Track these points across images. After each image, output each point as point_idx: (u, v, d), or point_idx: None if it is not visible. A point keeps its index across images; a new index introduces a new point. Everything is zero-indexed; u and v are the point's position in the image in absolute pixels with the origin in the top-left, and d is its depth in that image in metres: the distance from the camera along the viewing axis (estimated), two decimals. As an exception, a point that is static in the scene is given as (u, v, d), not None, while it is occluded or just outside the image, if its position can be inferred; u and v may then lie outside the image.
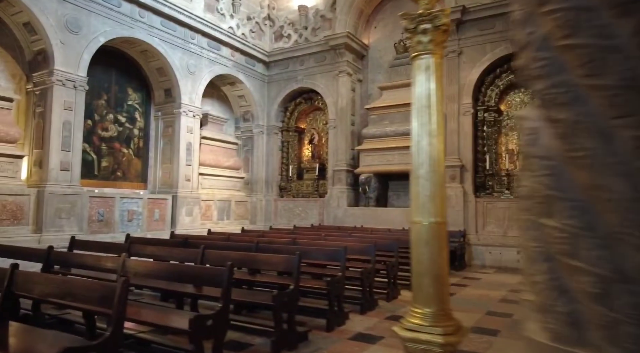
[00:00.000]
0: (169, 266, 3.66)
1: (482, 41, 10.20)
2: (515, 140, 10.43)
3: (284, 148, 13.61)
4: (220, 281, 3.25)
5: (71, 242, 5.92)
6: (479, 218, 9.90)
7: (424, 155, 2.03)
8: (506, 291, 6.88)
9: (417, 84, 2.08)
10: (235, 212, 12.42)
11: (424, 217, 1.99)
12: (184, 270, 3.43)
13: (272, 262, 4.26)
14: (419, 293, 1.98)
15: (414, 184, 2.06)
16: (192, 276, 3.40)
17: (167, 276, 3.58)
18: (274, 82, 13.44)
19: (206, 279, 3.32)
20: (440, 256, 1.98)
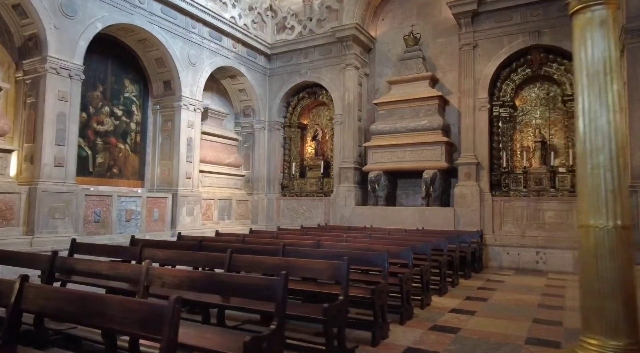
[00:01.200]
0: (205, 275, 3.12)
1: (498, 34, 9.82)
2: (531, 137, 10.09)
3: (286, 145, 13.05)
4: (274, 293, 2.73)
5: (72, 246, 5.31)
6: (495, 218, 9.52)
7: (602, 137, 1.54)
8: (539, 295, 6.49)
9: (589, 45, 1.60)
10: (237, 212, 11.83)
11: (603, 218, 1.50)
12: (226, 280, 2.89)
13: (315, 269, 3.74)
14: (599, 321, 1.50)
15: (585, 176, 1.57)
16: (236, 287, 2.86)
17: (204, 287, 3.03)
18: (276, 76, 12.87)
19: (254, 291, 2.79)
20: (630, 272, 1.50)
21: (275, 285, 2.74)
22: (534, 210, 9.19)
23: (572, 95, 9.26)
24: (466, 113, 10.05)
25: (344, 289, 3.55)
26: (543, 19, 9.34)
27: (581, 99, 1.55)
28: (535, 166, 9.78)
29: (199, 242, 5.49)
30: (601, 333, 1.48)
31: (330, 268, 3.68)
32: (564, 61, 9.43)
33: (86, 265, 3.82)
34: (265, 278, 2.86)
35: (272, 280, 2.79)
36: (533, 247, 9.02)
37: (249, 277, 2.92)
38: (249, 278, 2.89)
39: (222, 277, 2.99)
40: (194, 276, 3.12)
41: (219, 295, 3.26)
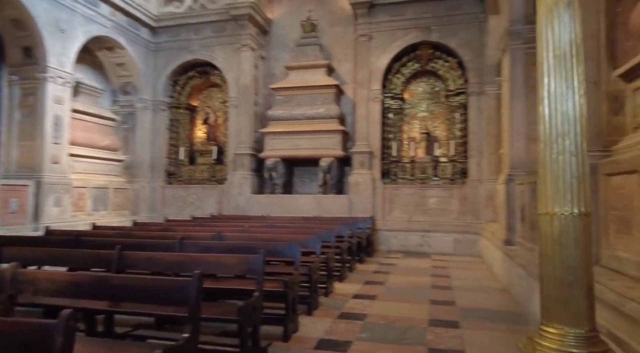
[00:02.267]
0: (96, 279, 2.53)
1: (392, 27, 10.19)
2: (417, 129, 10.74)
3: (173, 127, 12.03)
4: (186, 296, 2.32)
5: None
6: (385, 204, 9.97)
7: (569, 122, 1.48)
8: (429, 276, 6.91)
9: (555, 25, 1.51)
10: (114, 202, 10.57)
11: (569, 205, 1.45)
12: (125, 283, 2.37)
13: (226, 264, 3.34)
14: (563, 310, 1.45)
15: (550, 162, 1.50)
16: (139, 291, 2.37)
17: (96, 293, 2.47)
18: (163, 51, 11.74)
19: (163, 294, 2.34)
20: (590, 259, 1.47)
21: (188, 287, 2.33)
22: (420, 197, 9.82)
23: (454, 91, 10.10)
24: (361, 103, 10.29)
25: (260, 284, 3.24)
26: (433, 16, 9.92)
27: (546, 82, 1.48)
28: (420, 156, 10.45)
29: (76, 237, 4.65)
30: (564, 323, 1.45)
31: (243, 262, 3.33)
32: (449, 58, 10.16)
33: None
34: (175, 280, 2.43)
35: (184, 282, 2.37)
36: (418, 231, 9.65)
37: (155, 278, 2.45)
38: (156, 280, 2.42)
39: (119, 279, 2.46)
40: (81, 280, 2.52)
41: (114, 301, 2.70)
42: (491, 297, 5.55)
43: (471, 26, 9.73)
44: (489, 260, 7.80)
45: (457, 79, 10.11)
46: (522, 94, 6.39)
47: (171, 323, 3.99)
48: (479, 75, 9.57)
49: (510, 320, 4.47)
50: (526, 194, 5.49)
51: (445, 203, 9.68)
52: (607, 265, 3.14)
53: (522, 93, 6.39)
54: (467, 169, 9.72)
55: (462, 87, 10.01)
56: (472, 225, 9.36)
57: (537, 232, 4.80)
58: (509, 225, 6.26)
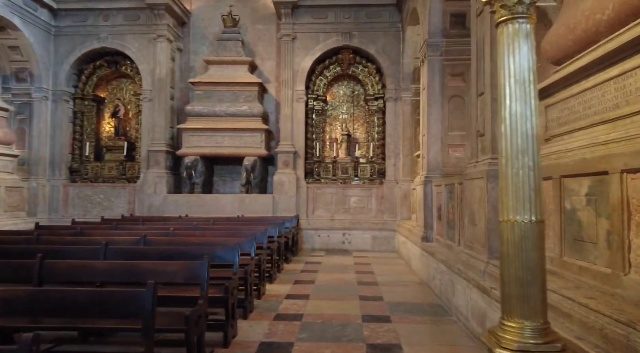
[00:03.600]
0: (32, 293, 2.25)
1: (315, 29, 10.35)
2: (339, 130, 11.06)
3: (77, 120, 10.98)
4: (140, 308, 2.18)
5: None
6: (309, 203, 10.13)
7: (528, 140, 1.67)
8: (354, 273, 7.18)
9: (517, 55, 1.69)
10: (6, 202, 9.35)
11: (527, 214, 1.65)
12: (70, 296, 2.14)
13: (169, 272, 3.16)
14: (522, 306, 1.64)
15: (510, 175, 1.69)
16: (85, 306, 2.16)
17: (33, 309, 2.20)
18: (65, 36, 10.64)
19: (114, 307, 2.17)
20: (544, 260, 1.68)
21: (142, 298, 2.19)
22: (342, 196, 10.14)
23: (373, 95, 10.56)
24: (285, 103, 10.32)
25: (205, 291, 3.14)
26: (353, 22, 10.27)
27: (508, 104, 1.65)
28: (342, 156, 10.78)
29: (-25, 245, 4.07)
30: (522, 317, 1.64)
31: (186, 269, 3.20)
32: (367, 64, 10.61)
33: None
34: (128, 291, 2.26)
35: (137, 292, 2.22)
36: (340, 229, 9.97)
37: (102, 290, 2.26)
38: (104, 292, 2.23)
39: (61, 293, 2.22)
40: (10, 295, 2.24)
41: (54, 316, 2.40)
42: (413, 290, 5.94)
43: (389, 34, 10.26)
44: (406, 255, 8.32)
45: (375, 84, 10.59)
46: (439, 101, 6.91)
47: (97, 335, 3.68)
48: (395, 81, 10.12)
49: (434, 312, 4.84)
50: (443, 195, 5.96)
51: (364, 202, 10.11)
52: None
53: (439, 101, 6.91)
54: (384, 170, 10.25)
55: (380, 92, 10.51)
56: (388, 223, 9.89)
57: (455, 230, 5.25)
58: (426, 223, 6.75)
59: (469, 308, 4.07)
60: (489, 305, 3.57)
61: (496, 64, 1.92)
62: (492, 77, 3.96)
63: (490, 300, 3.54)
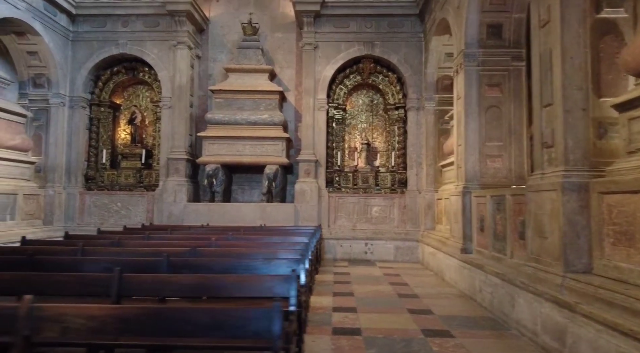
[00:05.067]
0: (147, 311, 2.12)
1: (337, 39, 10.33)
2: (358, 139, 11.01)
3: (94, 127, 10.80)
4: (269, 327, 2.08)
5: None
6: (331, 213, 10.02)
7: None
8: (388, 284, 7.08)
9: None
10: (24, 210, 9.11)
11: None
12: (193, 315, 2.02)
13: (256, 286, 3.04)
14: None
15: None
16: (207, 325, 2.04)
17: (148, 327, 2.08)
18: (83, 42, 10.49)
19: (240, 326, 2.05)
20: None
21: (271, 316, 2.09)
22: (364, 205, 10.06)
23: (394, 105, 10.55)
24: (306, 112, 10.25)
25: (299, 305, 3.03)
26: (375, 31, 10.27)
27: None
28: (361, 166, 10.71)
29: (29, 257, 3.91)
30: None
31: (276, 280, 3.08)
32: (388, 73, 10.60)
33: None
34: (255, 309, 2.14)
35: (265, 311, 2.11)
36: (362, 239, 9.87)
37: (226, 307, 2.14)
38: (230, 310, 2.12)
39: (177, 312, 2.11)
40: (126, 314, 2.11)
41: (169, 336, 2.27)
42: (457, 303, 5.86)
43: (411, 44, 10.27)
44: (435, 266, 8.24)
45: (396, 93, 10.58)
46: (476, 112, 6.89)
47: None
48: (418, 91, 10.11)
49: (490, 326, 4.75)
50: (488, 207, 5.90)
51: (386, 212, 10.03)
52: (602, 274, 3.49)
53: (476, 111, 6.89)
54: (406, 179, 10.19)
55: (401, 102, 10.50)
56: (411, 233, 9.82)
57: (506, 242, 5.19)
58: (464, 234, 6.68)
59: (539, 322, 3.99)
60: (571, 320, 3.50)
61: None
62: (564, 89, 3.94)
63: (572, 315, 3.47)
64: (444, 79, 9.66)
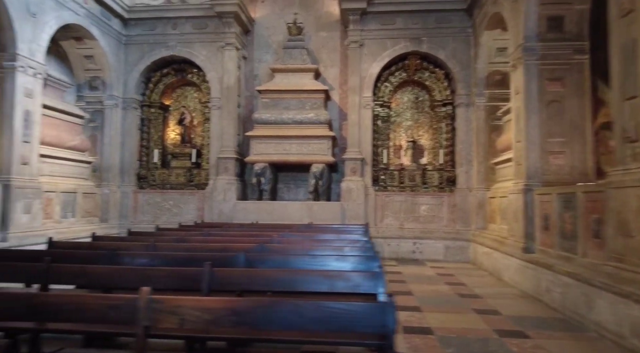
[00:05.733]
0: (260, 303, 2.16)
1: (382, 36, 10.25)
2: (403, 137, 10.89)
3: (145, 127, 11.14)
4: (383, 322, 2.07)
5: None
6: (377, 211, 9.96)
7: None
8: (444, 284, 6.97)
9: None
10: (83, 208, 9.51)
11: None
12: (303, 309, 2.04)
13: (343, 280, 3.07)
14: None
15: None
16: (325, 318, 2.06)
17: (264, 319, 2.11)
18: (135, 45, 10.84)
19: (350, 320, 2.06)
20: None
21: (385, 311, 2.08)
22: (411, 204, 9.95)
23: (441, 102, 10.38)
24: (352, 110, 10.23)
25: (383, 303, 3.01)
26: (422, 27, 10.12)
27: None
28: (407, 164, 10.60)
29: (111, 252, 4.06)
30: None
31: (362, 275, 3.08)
32: (435, 69, 10.43)
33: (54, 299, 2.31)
34: (368, 303, 2.15)
35: (379, 306, 2.11)
36: (410, 238, 9.76)
37: (337, 301, 2.15)
38: (341, 304, 2.12)
39: (292, 305, 2.13)
40: (241, 306, 2.15)
41: (279, 329, 2.31)
42: (522, 303, 5.70)
43: (458, 39, 10.07)
44: (490, 266, 8.05)
45: (443, 90, 10.41)
46: (536, 107, 6.68)
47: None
48: (467, 87, 9.91)
49: (565, 328, 4.59)
50: (554, 205, 5.71)
51: (435, 210, 9.88)
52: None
53: (536, 106, 6.68)
54: (454, 178, 10.01)
55: (448, 98, 10.32)
56: (461, 232, 9.64)
57: (577, 242, 5.01)
58: (526, 233, 6.49)
59: (627, 325, 3.82)
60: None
61: None
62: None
63: (669, 317, 3.31)
64: (495, 74, 9.44)
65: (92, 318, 2.23)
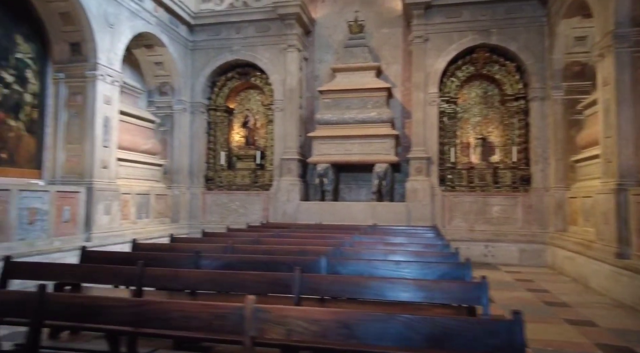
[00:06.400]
0: (379, 317, 2.05)
1: (448, 29, 9.85)
2: (471, 134, 10.42)
3: (211, 131, 11.46)
4: (512, 340, 1.88)
5: (6, 267, 3.50)
6: (445, 213, 9.60)
7: None
8: (525, 291, 6.55)
9: None
10: (155, 209, 9.94)
11: None
12: (422, 323, 1.91)
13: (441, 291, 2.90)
14: None
15: None
16: (449, 335, 1.92)
17: (389, 336, 2.00)
18: (201, 50, 11.17)
19: (481, 337, 1.89)
20: None
21: (512, 328, 1.89)
22: (482, 205, 9.48)
23: (513, 96, 9.81)
24: (417, 107, 9.92)
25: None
26: (491, 19, 9.62)
27: None
28: (476, 162, 10.12)
29: (196, 254, 4.12)
30: None
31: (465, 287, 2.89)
32: (505, 62, 9.88)
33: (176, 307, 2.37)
34: (486, 321, 1.97)
35: (507, 323, 1.92)
36: (481, 241, 9.31)
37: (456, 318, 1.99)
38: (460, 320, 1.96)
39: (407, 319, 1.99)
40: (350, 318, 2.05)
41: (393, 345, 2.20)
42: (620, 314, 5.20)
43: (531, 29, 9.46)
44: (573, 272, 7.49)
45: (515, 83, 9.83)
46: (630, 99, 6.10)
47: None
48: (541, 80, 9.30)
49: (679, 344, 4.12)
50: (656, 206, 5.17)
51: (508, 212, 9.36)
52: None
53: (630, 98, 6.10)
54: (529, 176, 9.43)
55: (520, 92, 9.74)
56: (538, 235, 9.06)
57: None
58: (620, 237, 5.94)
59: None
60: None
61: None
62: None
63: None
64: (573, 66, 8.80)
65: (197, 326, 2.22)
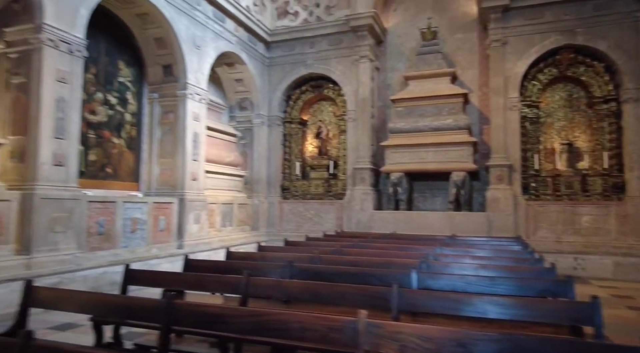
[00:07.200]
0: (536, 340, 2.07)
1: (529, 31, 9.46)
2: (556, 139, 9.87)
3: (286, 142, 11.89)
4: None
5: (126, 276, 3.94)
6: (529, 223, 9.16)
7: None
8: (625, 308, 6.09)
9: None
10: (238, 217, 10.49)
11: None
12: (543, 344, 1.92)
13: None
14: None
15: None
16: None
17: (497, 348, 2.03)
18: (277, 66, 11.67)
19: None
20: None
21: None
22: (570, 214, 8.94)
23: (602, 98, 9.17)
24: (496, 112, 9.61)
25: None
26: (576, 18, 9.10)
27: None
28: (561, 169, 9.57)
29: (289, 263, 4.34)
30: None
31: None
32: (593, 62, 9.28)
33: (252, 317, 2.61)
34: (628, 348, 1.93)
35: (634, 349, 1.87)
36: (570, 253, 8.76)
37: (589, 342, 1.97)
38: (583, 343, 1.94)
39: (539, 341, 2.00)
40: (467, 338, 2.09)
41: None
42: None
43: (623, 26, 8.81)
44: (681, 289, 6.83)
45: (604, 84, 9.19)
46: None
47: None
48: (636, 79, 8.62)
49: None
50: None
51: (600, 222, 8.74)
52: None
53: None
54: (623, 184, 8.74)
55: (611, 94, 9.08)
56: (635, 247, 8.36)
57: None
58: None
59: None
60: None
61: None
62: None
63: None
64: (675, 62, 8.06)
65: (312, 337, 2.37)
